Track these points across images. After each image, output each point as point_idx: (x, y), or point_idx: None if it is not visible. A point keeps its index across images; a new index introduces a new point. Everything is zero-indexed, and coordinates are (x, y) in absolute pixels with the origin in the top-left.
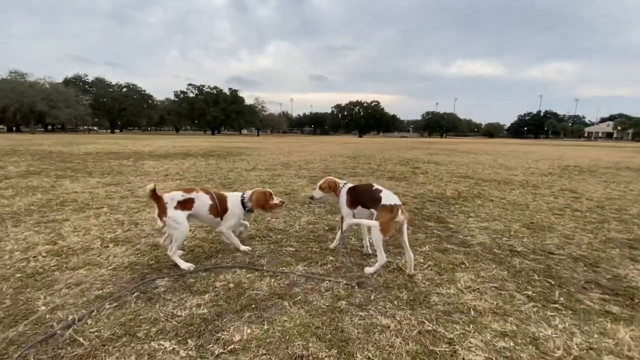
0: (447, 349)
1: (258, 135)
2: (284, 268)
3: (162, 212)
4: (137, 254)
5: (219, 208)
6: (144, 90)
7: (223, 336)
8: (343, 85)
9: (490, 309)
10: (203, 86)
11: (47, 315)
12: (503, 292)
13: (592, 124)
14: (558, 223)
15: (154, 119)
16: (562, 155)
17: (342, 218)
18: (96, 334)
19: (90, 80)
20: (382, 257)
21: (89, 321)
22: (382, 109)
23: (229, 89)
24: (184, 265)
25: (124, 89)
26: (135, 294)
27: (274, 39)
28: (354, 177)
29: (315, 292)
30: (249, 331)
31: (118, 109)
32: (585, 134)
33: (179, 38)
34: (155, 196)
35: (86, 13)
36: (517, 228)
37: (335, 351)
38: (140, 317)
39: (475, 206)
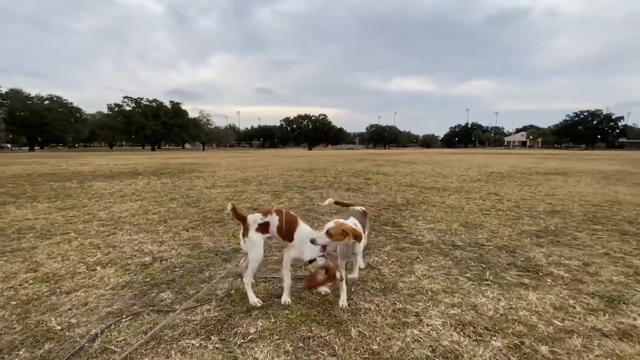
0: (415, 319)
1: (204, 149)
2: (275, 274)
3: (246, 232)
4: (129, 273)
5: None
6: (71, 103)
7: (240, 330)
8: (291, 98)
9: (442, 289)
10: (141, 99)
11: (67, 333)
12: (450, 276)
13: (510, 134)
14: (486, 221)
15: (83, 134)
16: (487, 163)
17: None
18: (124, 342)
19: (4, 92)
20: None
21: (113, 333)
22: (330, 122)
23: (170, 101)
24: (253, 299)
25: (46, 102)
26: (146, 307)
27: (217, 50)
28: (315, 190)
29: (305, 291)
30: (260, 324)
31: (39, 123)
32: (505, 143)
33: (112, 47)
34: (238, 216)
35: None
36: (456, 227)
37: (334, 330)
38: (159, 325)
39: (421, 211)
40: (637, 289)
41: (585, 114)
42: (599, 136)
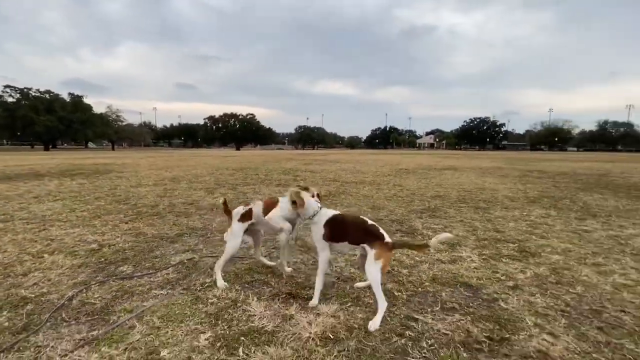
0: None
1: (113, 149)
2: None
3: (229, 224)
4: (80, 257)
5: None
6: None
7: (198, 282)
8: (216, 96)
9: None
10: (29, 89)
11: (42, 299)
12: None
13: (421, 136)
14: (388, 205)
15: None
16: (398, 161)
17: None
18: (100, 297)
19: None
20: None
21: (87, 294)
22: (259, 122)
23: (69, 94)
24: (221, 283)
25: None
26: (110, 277)
27: (126, 39)
28: (247, 186)
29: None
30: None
31: None
32: (417, 144)
33: None
34: (227, 210)
35: None
36: (365, 209)
37: (271, 274)
38: (127, 288)
39: (340, 199)
40: (471, 239)
41: (478, 120)
42: (488, 139)
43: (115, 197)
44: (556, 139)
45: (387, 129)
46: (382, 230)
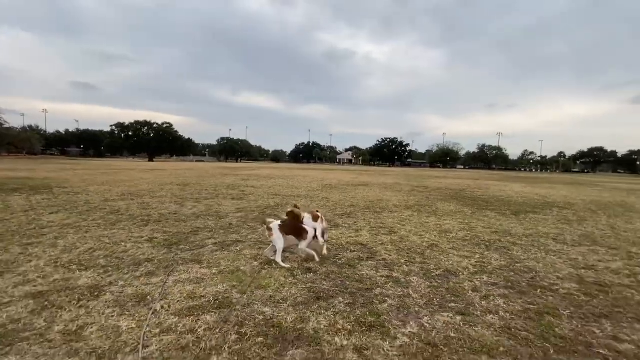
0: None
1: None
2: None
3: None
4: (155, 244)
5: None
6: None
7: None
8: (124, 100)
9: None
10: None
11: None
12: None
13: (341, 152)
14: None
15: None
16: (323, 177)
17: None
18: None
19: None
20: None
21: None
22: (176, 131)
23: None
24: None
25: None
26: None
27: (3, 23)
28: (209, 200)
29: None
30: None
31: None
32: (337, 160)
33: None
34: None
35: None
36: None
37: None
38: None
39: (284, 210)
40: (367, 227)
41: (388, 140)
42: (396, 157)
43: (107, 210)
44: (448, 158)
45: (311, 144)
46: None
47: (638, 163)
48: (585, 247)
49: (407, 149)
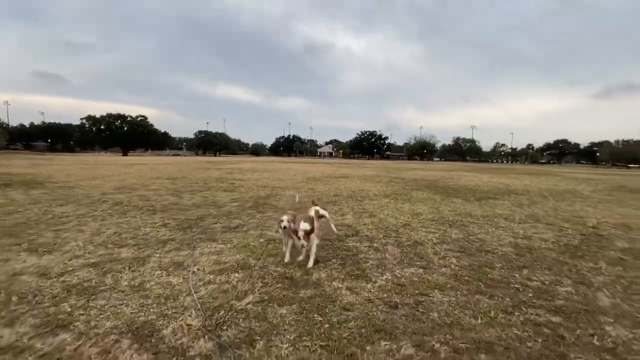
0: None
1: None
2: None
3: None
4: (169, 226)
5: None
6: None
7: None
8: (93, 92)
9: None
10: None
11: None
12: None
13: (321, 146)
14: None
15: None
16: (307, 170)
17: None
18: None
19: None
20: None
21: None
22: (152, 125)
23: None
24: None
25: None
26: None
27: None
28: (204, 192)
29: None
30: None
31: None
32: (318, 153)
33: None
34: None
35: None
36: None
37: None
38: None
39: (275, 200)
40: (351, 212)
41: (367, 133)
42: (375, 150)
43: (110, 202)
44: (425, 151)
45: (291, 137)
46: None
47: (598, 154)
48: (529, 224)
49: (386, 142)
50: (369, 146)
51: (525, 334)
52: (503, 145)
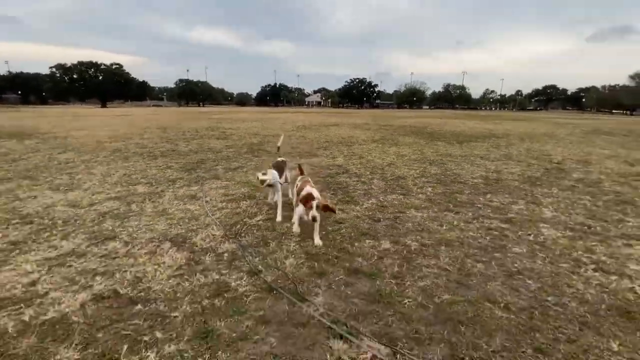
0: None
1: None
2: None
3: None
4: (174, 169)
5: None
6: None
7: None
8: (56, 35)
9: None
10: None
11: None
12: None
13: (309, 94)
14: (298, 146)
15: None
16: (295, 119)
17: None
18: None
19: None
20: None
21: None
22: (129, 73)
23: None
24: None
25: None
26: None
27: None
28: (197, 140)
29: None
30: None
31: None
32: (306, 102)
33: None
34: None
35: None
36: (289, 150)
37: None
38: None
39: (268, 145)
40: (341, 155)
41: (357, 80)
42: (365, 98)
43: (109, 150)
44: (415, 99)
45: (277, 85)
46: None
47: (584, 100)
48: (502, 161)
49: (376, 89)
50: (358, 94)
51: (478, 235)
52: (492, 92)
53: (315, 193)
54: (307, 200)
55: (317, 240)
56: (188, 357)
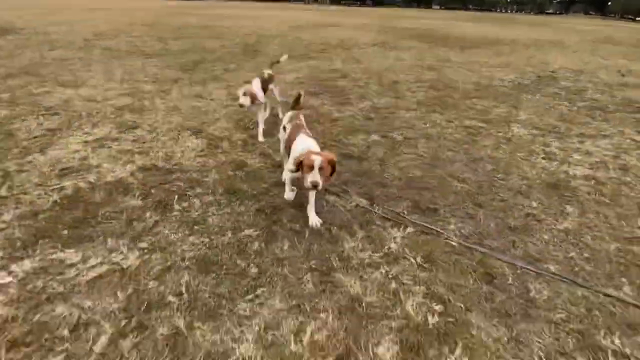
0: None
1: None
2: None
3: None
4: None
5: None
6: None
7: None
8: None
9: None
10: None
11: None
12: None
13: None
14: (296, 48)
15: None
16: (290, 17)
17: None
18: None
19: None
20: None
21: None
22: None
23: None
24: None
25: None
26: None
27: None
28: (191, 40)
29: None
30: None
31: None
32: None
33: None
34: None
35: None
36: (283, 50)
37: None
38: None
39: (264, 45)
40: (339, 59)
41: None
42: None
43: (100, 48)
44: None
45: None
46: None
47: (609, 3)
48: (499, 69)
49: None
50: None
51: (456, 131)
52: None
53: (315, 146)
54: (305, 163)
55: (313, 218)
56: (223, 203)
